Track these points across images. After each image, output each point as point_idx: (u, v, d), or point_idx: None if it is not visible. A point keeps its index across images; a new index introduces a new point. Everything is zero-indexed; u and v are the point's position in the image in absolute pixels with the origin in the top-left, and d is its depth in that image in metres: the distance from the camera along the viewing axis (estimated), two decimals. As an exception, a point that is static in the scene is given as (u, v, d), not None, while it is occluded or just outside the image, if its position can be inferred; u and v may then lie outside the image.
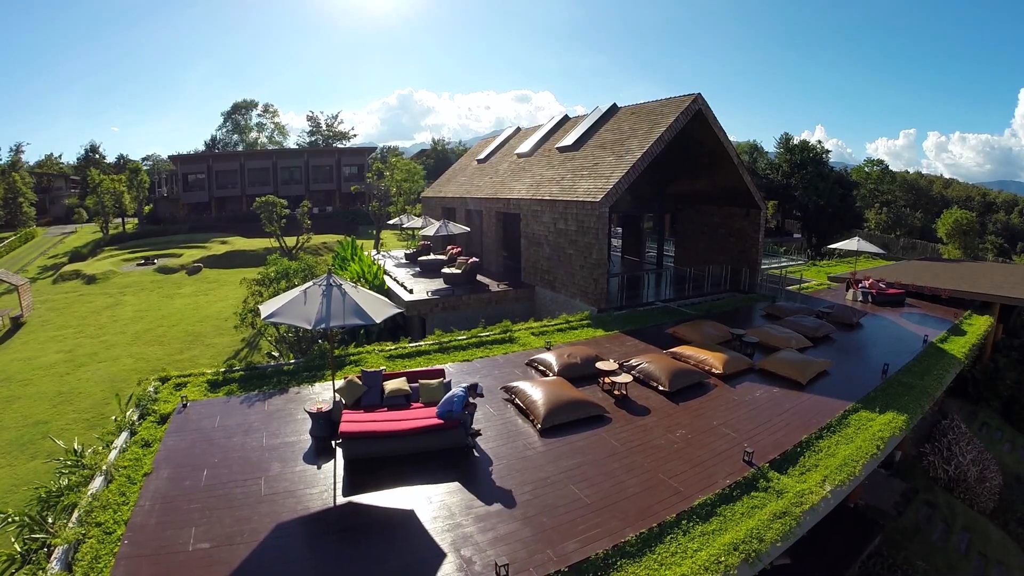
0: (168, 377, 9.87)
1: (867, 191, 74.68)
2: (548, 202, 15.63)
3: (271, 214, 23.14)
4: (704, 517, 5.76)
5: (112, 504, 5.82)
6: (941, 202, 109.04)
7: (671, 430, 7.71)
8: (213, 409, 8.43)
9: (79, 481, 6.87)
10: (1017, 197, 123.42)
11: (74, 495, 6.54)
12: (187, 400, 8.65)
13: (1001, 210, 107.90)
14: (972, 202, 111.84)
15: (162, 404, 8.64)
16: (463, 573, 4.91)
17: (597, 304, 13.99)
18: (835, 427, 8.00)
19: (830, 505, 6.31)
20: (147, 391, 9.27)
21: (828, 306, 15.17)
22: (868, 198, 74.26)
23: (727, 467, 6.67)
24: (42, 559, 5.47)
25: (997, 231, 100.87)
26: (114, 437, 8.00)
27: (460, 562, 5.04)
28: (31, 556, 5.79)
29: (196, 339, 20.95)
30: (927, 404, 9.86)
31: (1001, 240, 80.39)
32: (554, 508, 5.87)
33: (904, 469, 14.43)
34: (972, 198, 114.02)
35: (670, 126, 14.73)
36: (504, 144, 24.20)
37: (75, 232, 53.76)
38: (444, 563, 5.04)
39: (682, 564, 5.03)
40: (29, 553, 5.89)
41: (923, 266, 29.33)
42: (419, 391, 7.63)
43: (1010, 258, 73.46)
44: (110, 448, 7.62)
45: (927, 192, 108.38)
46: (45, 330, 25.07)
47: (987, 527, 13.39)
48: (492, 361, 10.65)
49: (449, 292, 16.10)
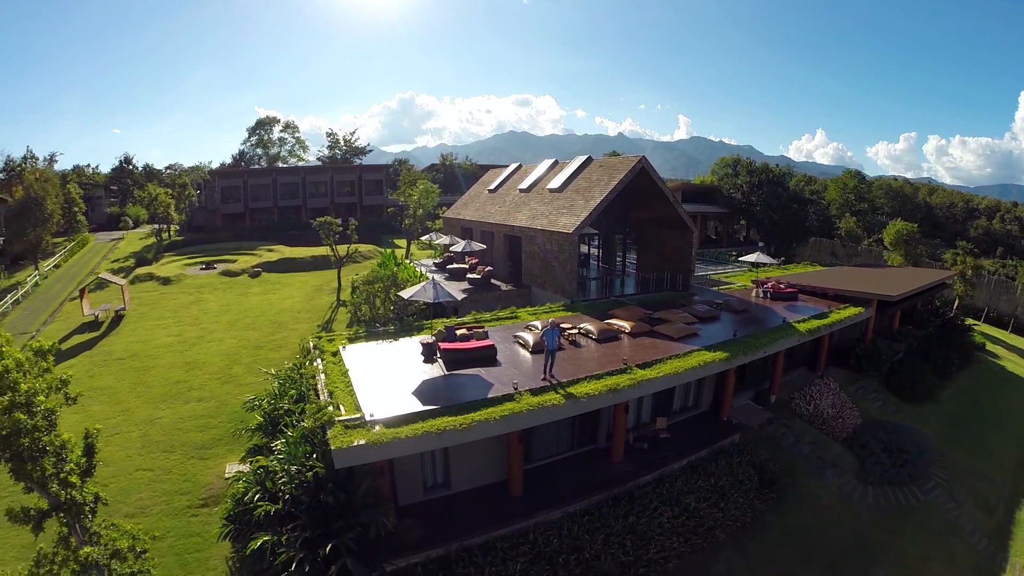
0: (320, 336, 17.98)
1: (843, 200, 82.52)
2: (540, 230, 23.83)
3: (328, 231, 31.25)
4: (599, 377, 13.91)
5: (338, 381, 13.90)
6: (925, 208, 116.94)
7: (594, 353, 15.85)
8: (361, 348, 16.56)
9: (311, 373, 15.00)
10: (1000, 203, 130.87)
11: (309, 380, 14.68)
12: (344, 346, 16.75)
13: (983, 216, 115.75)
14: (955, 208, 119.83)
15: (328, 346, 16.73)
16: (495, 392, 13.02)
17: (569, 297, 22.18)
18: (681, 356, 16.09)
19: (655, 386, 14.41)
20: (313, 343, 17.37)
21: (725, 299, 23.30)
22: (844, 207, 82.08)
23: (614, 365, 14.86)
24: (313, 398, 13.59)
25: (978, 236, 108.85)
26: (313, 358, 16.10)
27: (495, 386, 13.16)
28: (306, 400, 13.92)
29: (280, 325, 29.12)
30: (751, 354, 17.87)
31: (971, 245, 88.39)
32: (537, 374, 13.99)
33: (776, 407, 22.45)
34: (955, 204, 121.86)
35: (620, 179, 22.92)
36: (509, 178, 32.47)
37: (123, 238, 61.95)
38: (491, 391, 13.16)
39: (589, 385, 13.22)
40: (303, 397, 14.02)
41: (841, 271, 37.57)
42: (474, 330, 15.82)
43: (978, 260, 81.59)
44: (314, 363, 15.72)
45: (911, 199, 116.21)
46: (146, 321, 33.09)
47: (831, 444, 21.43)
48: (505, 327, 18.82)
49: (473, 290, 24.25)
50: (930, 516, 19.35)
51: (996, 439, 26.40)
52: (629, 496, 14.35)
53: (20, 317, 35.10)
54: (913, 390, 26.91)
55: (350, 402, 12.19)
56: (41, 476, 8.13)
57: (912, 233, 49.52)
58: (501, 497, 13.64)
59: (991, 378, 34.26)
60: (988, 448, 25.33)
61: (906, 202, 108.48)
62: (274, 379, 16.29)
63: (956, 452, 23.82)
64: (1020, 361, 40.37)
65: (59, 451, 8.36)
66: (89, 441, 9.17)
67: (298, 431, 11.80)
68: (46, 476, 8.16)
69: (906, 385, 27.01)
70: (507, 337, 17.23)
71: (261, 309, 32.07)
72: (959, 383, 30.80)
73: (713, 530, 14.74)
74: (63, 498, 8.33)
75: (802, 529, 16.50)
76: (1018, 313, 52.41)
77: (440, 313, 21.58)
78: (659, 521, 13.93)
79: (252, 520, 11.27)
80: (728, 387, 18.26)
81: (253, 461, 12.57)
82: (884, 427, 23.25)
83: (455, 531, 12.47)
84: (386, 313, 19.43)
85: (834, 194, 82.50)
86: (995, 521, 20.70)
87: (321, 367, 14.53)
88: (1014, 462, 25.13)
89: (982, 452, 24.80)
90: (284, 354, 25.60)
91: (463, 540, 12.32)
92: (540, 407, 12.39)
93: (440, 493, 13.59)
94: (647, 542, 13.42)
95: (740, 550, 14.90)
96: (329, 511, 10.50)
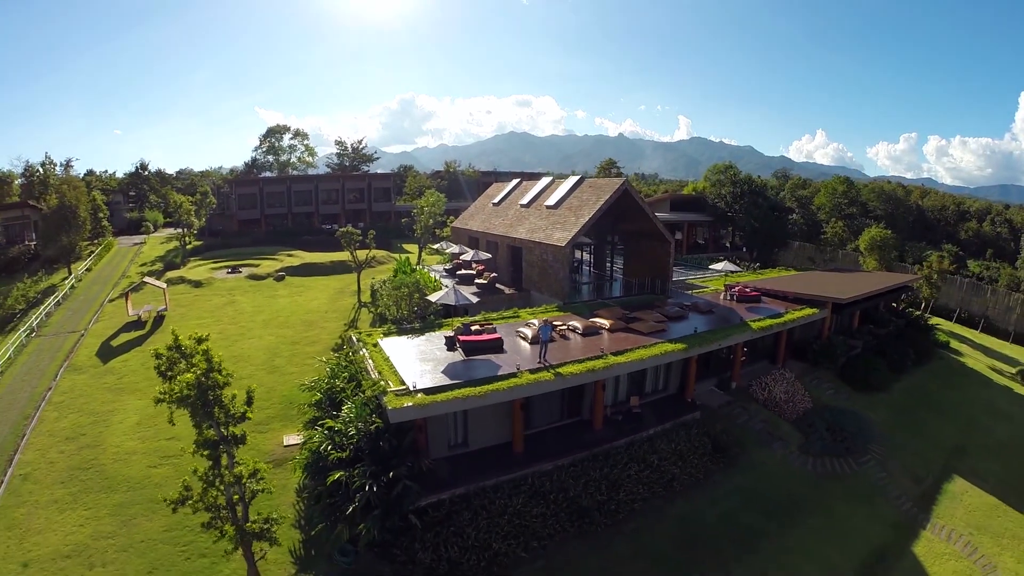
0: (360, 332, 22.54)
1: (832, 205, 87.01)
2: (537, 243, 28.40)
3: (350, 239, 35.85)
4: (580, 362, 18.54)
5: (383, 364, 18.50)
6: (917, 211, 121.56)
7: (579, 344, 20.43)
8: (394, 341, 21.13)
9: (359, 359, 19.59)
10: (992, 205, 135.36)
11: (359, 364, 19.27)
12: (381, 339, 21.29)
13: (974, 218, 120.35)
14: (947, 211, 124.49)
15: (368, 339, 21.29)
16: (502, 372, 17.61)
17: (562, 299, 26.73)
18: (647, 347, 20.64)
19: (626, 368, 18.98)
20: (356, 337, 21.94)
21: (694, 301, 27.84)
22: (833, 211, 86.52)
23: (593, 353, 19.54)
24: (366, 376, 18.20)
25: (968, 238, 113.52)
26: (362, 347, 20.64)
27: (503, 368, 17.76)
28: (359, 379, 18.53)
29: (311, 324, 33.67)
30: (709, 346, 22.40)
31: (957, 248, 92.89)
32: (534, 359, 18.59)
33: (736, 393, 26.99)
34: (947, 207, 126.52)
35: (606, 199, 27.47)
36: (511, 192, 37.07)
37: (145, 242, 66.48)
38: (499, 371, 17.75)
39: (573, 367, 17.81)
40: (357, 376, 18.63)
41: (809, 275, 42.10)
42: (485, 327, 20.41)
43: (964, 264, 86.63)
44: (360, 352, 20.29)
45: (904, 202, 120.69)
46: (186, 321, 37.57)
47: (781, 423, 25.95)
48: (509, 324, 23.42)
49: (481, 293, 28.81)
50: (861, 482, 23.81)
51: (938, 424, 30.72)
52: (606, 455, 18.91)
53: (65, 317, 39.62)
54: (866, 381, 31.19)
55: (395, 378, 16.77)
56: (219, 419, 12.59)
57: (886, 239, 54.03)
58: (507, 453, 18.20)
59: (948, 373, 38.61)
60: (929, 432, 29.66)
61: (899, 205, 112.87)
62: (325, 366, 20.86)
63: (897, 434, 28.20)
64: (982, 358, 44.75)
65: (228, 402, 12.79)
66: (250, 395, 13.63)
67: (359, 399, 16.31)
68: (218, 420, 12.60)
69: (859, 377, 31.30)
70: (511, 332, 21.77)
71: (291, 310, 36.62)
72: (915, 376, 35.10)
73: (671, 482, 19.30)
74: (227, 434, 12.77)
75: (746, 486, 21.05)
76: (988, 314, 56.90)
77: (453, 312, 26.14)
78: (628, 473, 18.49)
79: (325, 465, 15.80)
80: (691, 373, 22.82)
81: (320, 426, 17.08)
82: (831, 411, 27.73)
83: (472, 476, 17.03)
84: (410, 313, 23.91)
85: (823, 199, 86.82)
86: (922, 489, 25.00)
87: (367, 355, 19.08)
88: (951, 444, 29.41)
89: (922, 435, 29.14)
90: (318, 348, 30.15)
91: (478, 482, 16.87)
92: (536, 382, 16.97)
93: (461, 450, 18.15)
94: (618, 488, 17.98)
95: (691, 498, 19.47)
96: (385, 454, 15.00)
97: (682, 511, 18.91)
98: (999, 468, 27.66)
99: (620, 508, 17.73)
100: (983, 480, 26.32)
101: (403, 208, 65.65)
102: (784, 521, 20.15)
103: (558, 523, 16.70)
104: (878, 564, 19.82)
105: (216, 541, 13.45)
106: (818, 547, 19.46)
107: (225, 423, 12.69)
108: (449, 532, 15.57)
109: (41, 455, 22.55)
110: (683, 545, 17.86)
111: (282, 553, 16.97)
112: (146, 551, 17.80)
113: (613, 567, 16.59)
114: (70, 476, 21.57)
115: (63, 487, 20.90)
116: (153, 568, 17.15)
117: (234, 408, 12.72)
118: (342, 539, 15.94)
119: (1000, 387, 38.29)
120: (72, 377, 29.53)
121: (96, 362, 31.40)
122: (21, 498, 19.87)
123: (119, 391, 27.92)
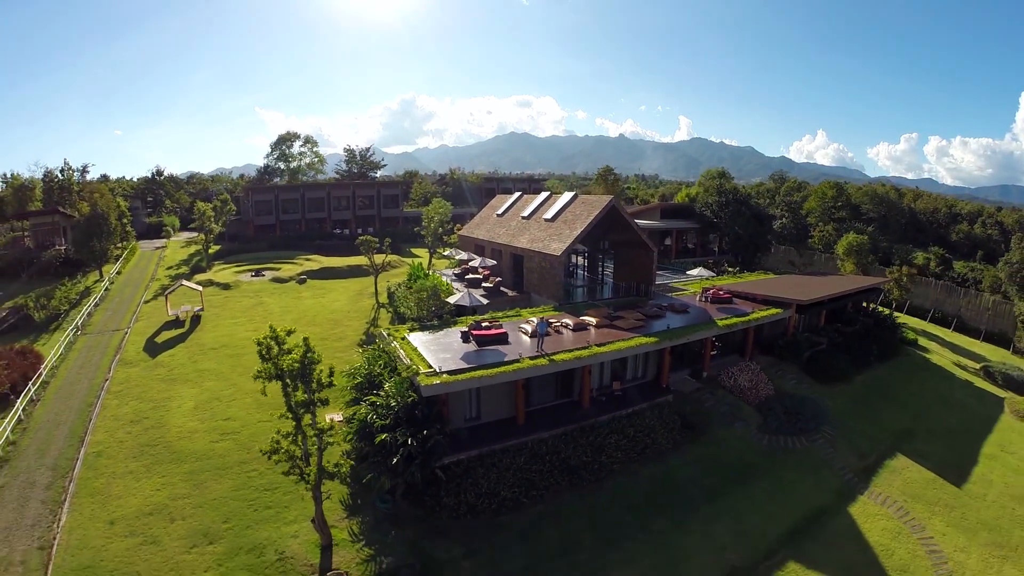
0: (388, 328, 27.46)
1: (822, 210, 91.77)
2: (536, 252, 33.30)
3: (369, 246, 40.85)
4: (570, 351, 23.51)
5: (413, 353, 23.46)
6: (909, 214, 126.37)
7: (570, 338, 25.41)
8: (419, 335, 26.11)
9: (392, 350, 24.56)
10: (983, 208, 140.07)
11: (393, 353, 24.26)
12: (407, 334, 26.22)
13: (965, 221, 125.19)
14: (938, 214, 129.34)
15: (397, 334, 26.23)
16: (508, 358, 22.56)
17: (557, 300, 31.66)
18: (625, 340, 25.56)
19: (606, 357, 23.94)
20: (387, 332, 26.87)
21: (671, 302, 32.73)
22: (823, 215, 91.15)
23: (581, 344, 24.50)
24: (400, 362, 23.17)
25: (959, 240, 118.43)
26: (392, 340, 25.61)
27: (508, 355, 22.71)
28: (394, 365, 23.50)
29: (336, 323, 38.57)
30: (678, 340, 27.29)
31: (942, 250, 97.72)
32: (533, 349, 23.53)
33: (707, 381, 31.86)
34: (939, 210, 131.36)
35: (596, 214, 32.37)
36: (513, 205, 42.02)
37: (166, 247, 71.36)
38: (505, 358, 22.70)
39: (564, 355, 22.77)
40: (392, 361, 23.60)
41: (782, 279, 46.94)
42: (493, 324, 25.35)
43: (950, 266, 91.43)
44: (392, 344, 25.25)
45: (896, 204, 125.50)
46: (221, 320, 42.45)
47: (744, 407, 30.81)
48: (512, 321, 28.37)
49: (488, 295, 33.72)
50: (809, 456, 28.59)
51: (891, 412, 35.41)
52: (592, 427, 23.80)
53: (106, 317, 44.39)
54: (827, 374, 35.90)
55: (424, 363, 21.71)
56: (312, 386, 17.55)
57: (862, 244, 58.84)
58: (511, 425, 23.12)
59: (911, 367, 43.36)
60: (880, 418, 34.32)
61: (891, 207, 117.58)
62: (362, 356, 25.77)
63: (849, 418, 32.87)
64: (948, 355, 49.50)
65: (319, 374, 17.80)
66: (331, 370, 18.55)
67: (397, 380, 21.21)
68: (312, 387, 17.59)
69: (821, 370, 36.02)
70: (514, 328, 26.67)
71: (316, 310, 41.55)
72: (877, 370, 39.78)
73: (645, 450, 24.21)
74: (315, 398, 17.70)
75: (708, 455, 25.96)
76: (961, 313, 61.79)
77: (463, 312, 31.05)
78: (609, 441, 23.40)
79: (371, 431, 20.68)
80: (665, 363, 27.73)
81: (364, 402, 21.96)
82: (791, 397, 32.56)
83: (485, 442, 21.94)
84: (429, 313, 28.80)
85: (813, 204, 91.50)
86: (865, 464, 29.64)
87: (398, 346, 23.99)
88: (900, 428, 34.00)
89: (873, 420, 33.80)
90: (345, 344, 35.04)
91: (489, 446, 21.78)
92: (534, 367, 21.92)
93: (475, 423, 23.07)
94: (601, 452, 22.89)
95: (661, 463, 24.40)
96: (419, 420, 19.87)
97: (652, 472, 23.83)
98: (943, 450, 32.14)
99: (602, 468, 22.65)
100: (925, 459, 30.78)
101: (410, 214, 70.68)
102: (738, 483, 25.04)
103: (552, 478, 21.66)
104: (815, 519, 24.58)
105: (297, 482, 18.37)
106: (764, 504, 24.33)
107: (317, 389, 17.65)
108: (467, 483, 20.50)
109: (110, 436, 26.98)
110: (652, 498, 22.79)
111: (334, 503, 21.85)
112: (219, 506, 22.54)
113: (595, 512, 21.54)
114: (140, 452, 26.08)
115: (135, 461, 25.41)
116: (227, 519, 21.91)
117: (324, 379, 17.69)
118: (383, 489, 20.83)
119: (961, 381, 42.97)
120: (125, 370, 34.11)
121: (145, 357, 36.06)
122: (98, 471, 24.11)
123: (171, 381, 32.64)
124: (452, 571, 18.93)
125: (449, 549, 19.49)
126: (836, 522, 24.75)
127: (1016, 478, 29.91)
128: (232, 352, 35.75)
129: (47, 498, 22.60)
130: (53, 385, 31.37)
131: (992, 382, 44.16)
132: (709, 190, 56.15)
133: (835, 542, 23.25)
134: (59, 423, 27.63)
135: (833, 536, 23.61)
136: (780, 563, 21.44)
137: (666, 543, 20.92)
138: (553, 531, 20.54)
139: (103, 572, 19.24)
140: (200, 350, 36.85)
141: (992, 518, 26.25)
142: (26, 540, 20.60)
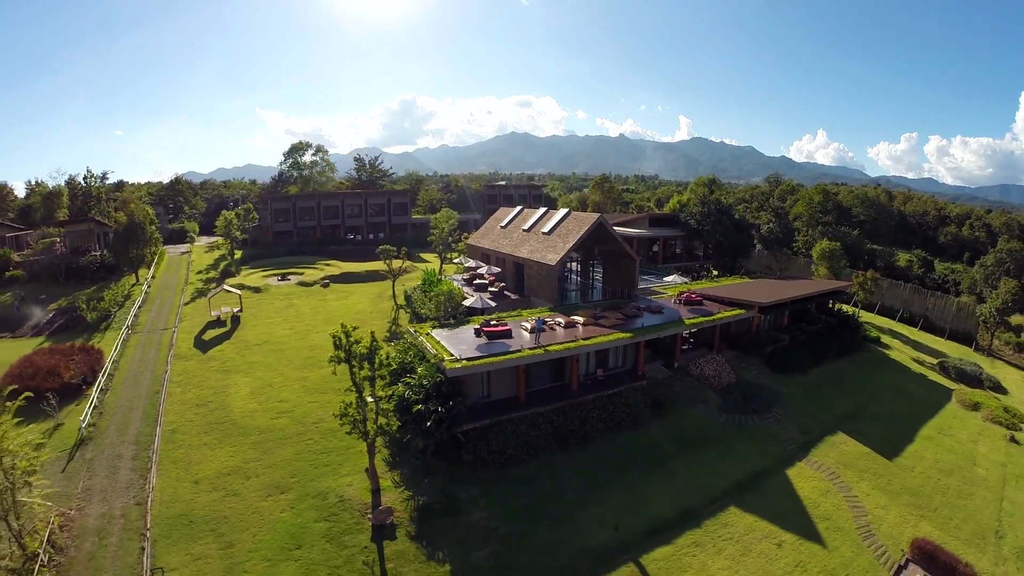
0: (412, 326, 34.52)
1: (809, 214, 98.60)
2: (535, 261, 40.34)
3: (388, 254, 47.93)
4: (561, 344, 30.57)
5: (437, 345, 30.56)
6: (899, 216, 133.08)
7: (561, 333, 32.47)
8: (439, 331, 33.17)
9: (420, 344, 31.66)
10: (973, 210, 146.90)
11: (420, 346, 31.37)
12: (429, 331, 33.28)
13: (953, 223, 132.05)
14: (927, 216, 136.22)
15: (421, 331, 33.30)
16: (512, 349, 29.67)
17: (552, 303, 38.68)
18: (606, 335, 32.61)
19: (590, 348, 31.03)
20: (414, 329, 33.96)
21: (649, 304, 39.76)
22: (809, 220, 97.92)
23: (570, 338, 31.52)
24: (429, 352, 30.29)
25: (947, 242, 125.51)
26: (419, 335, 32.69)
27: (512, 347, 29.82)
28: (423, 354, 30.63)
29: (363, 322, 45.52)
30: (649, 335, 34.34)
31: (924, 253, 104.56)
32: (531, 342, 30.63)
33: (677, 371, 38.90)
34: (928, 212, 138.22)
35: (586, 230, 39.39)
36: (515, 218, 49.04)
37: (190, 251, 78.27)
38: (509, 348, 29.79)
39: (557, 347, 29.86)
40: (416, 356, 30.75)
41: (753, 283, 53.83)
42: (500, 322, 32.43)
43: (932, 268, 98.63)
44: (419, 339, 32.34)
45: (886, 207, 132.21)
46: (259, 320, 49.33)
47: (707, 391, 37.83)
48: (515, 320, 35.42)
49: (494, 299, 40.74)
50: (759, 431, 35.50)
51: (839, 399, 42.02)
52: (579, 404, 30.79)
53: (152, 317, 50.88)
54: (786, 366, 42.61)
55: (447, 352, 28.77)
56: (376, 366, 24.63)
57: (834, 250, 65.66)
58: (515, 402, 30.15)
59: (869, 362, 50.06)
60: (829, 403, 40.99)
61: (881, 210, 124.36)
62: (394, 348, 32.81)
63: (800, 403, 39.66)
64: (909, 351, 56.25)
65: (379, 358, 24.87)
66: (388, 354, 25.64)
67: (427, 365, 28.27)
68: (376, 367, 24.66)
69: (781, 363, 42.78)
70: (516, 325, 33.70)
71: (342, 311, 48.55)
72: (835, 364, 46.34)
73: (620, 423, 31.25)
74: (376, 375, 24.78)
75: (672, 427, 33.00)
76: (927, 314, 68.69)
77: (474, 312, 38.09)
78: (592, 415, 30.42)
79: (407, 404, 27.72)
80: (641, 355, 34.75)
81: (401, 382, 28.98)
82: (750, 385, 39.56)
83: (494, 414, 28.96)
84: (445, 313, 35.81)
85: (801, 208, 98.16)
86: (807, 439, 36.24)
87: (424, 340, 31.03)
88: (844, 412, 40.47)
89: (822, 405, 40.49)
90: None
91: (498, 417, 28.80)
92: (533, 355, 28.95)
93: (486, 399, 30.11)
94: (585, 423, 29.93)
95: (633, 433, 31.44)
96: (445, 395, 26.88)
97: (626, 439, 30.91)
98: (882, 430, 38.64)
99: (586, 435, 29.71)
100: (863, 437, 37.26)
101: (418, 220, 77.70)
102: (695, 449, 32.02)
103: (547, 441, 28.73)
104: (757, 478, 31.45)
105: (357, 438, 25.43)
106: (715, 464, 31.31)
107: (379, 367, 24.74)
108: (481, 444, 27.55)
109: (180, 416, 33.33)
110: (625, 458, 29.85)
111: (379, 461, 28.82)
112: (285, 466, 29.34)
113: (580, 467, 28.61)
114: (210, 428, 32.72)
115: (207, 435, 31.97)
116: (293, 474, 28.76)
117: (384, 360, 24.79)
118: (418, 448, 27.87)
119: (914, 374, 49.75)
120: (181, 363, 40.62)
121: (196, 352, 42.67)
122: (176, 444, 30.34)
123: (226, 372, 39.37)
124: (472, 506, 26.01)
125: (469, 491, 26.57)
126: (774, 480, 31.50)
127: (947, 455, 35.78)
128: (275, 348, 42.61)
129: (135, 466, 27.80)
130: (118, 377, 37.08)
131: (946, 376, 50.56)
132: (695, 199, 63.19)
133: (770, 494, 30.13)
134: (132, 407, 33.07)
135: (770, 490, 30.47)
136: (723, 507, 28.35)
137: (634, 489, 28.01)
138: (547, 479, 27.65)
139: (196, 518, 25.21)
140: (245, 346, 43.53)
141: (917, 485, 32.12)
142: (123, 499, 25.49)
